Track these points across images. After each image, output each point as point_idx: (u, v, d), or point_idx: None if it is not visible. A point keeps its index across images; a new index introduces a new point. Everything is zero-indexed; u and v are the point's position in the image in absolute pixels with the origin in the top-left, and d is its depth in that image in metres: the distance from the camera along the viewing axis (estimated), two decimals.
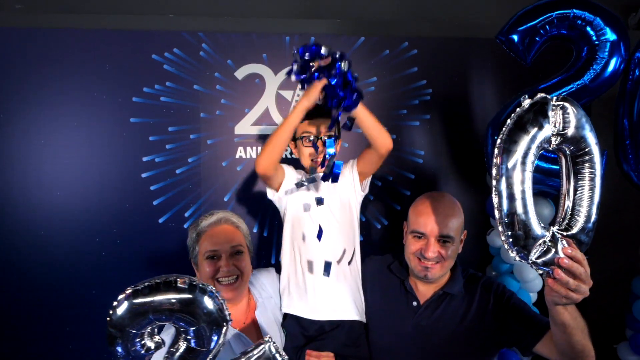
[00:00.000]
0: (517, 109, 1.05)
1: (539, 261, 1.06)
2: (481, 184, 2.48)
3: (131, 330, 0.92)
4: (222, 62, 2.41)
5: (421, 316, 1.54)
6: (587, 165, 1.10)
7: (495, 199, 1.03)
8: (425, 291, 1.58)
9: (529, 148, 1.02)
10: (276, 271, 1.73)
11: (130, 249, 2.37)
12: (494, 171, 1.03)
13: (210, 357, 0.99)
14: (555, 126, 1.05)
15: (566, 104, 1.05)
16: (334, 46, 1.45)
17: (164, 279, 0.94)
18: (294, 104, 2.40)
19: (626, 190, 2.07)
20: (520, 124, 1.03)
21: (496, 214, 1.04)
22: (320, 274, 1.56)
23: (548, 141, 1.05)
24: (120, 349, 0.95)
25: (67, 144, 2.33)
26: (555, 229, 1.10)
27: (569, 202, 1.12)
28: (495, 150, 1.04)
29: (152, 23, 2.40)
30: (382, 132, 1.52)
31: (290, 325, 1.60)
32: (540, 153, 1.07)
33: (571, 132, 1.06)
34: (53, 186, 2.33)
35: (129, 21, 2.39)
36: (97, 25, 2.34)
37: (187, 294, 0.92)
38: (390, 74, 2.50)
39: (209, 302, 0.94)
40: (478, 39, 2.51)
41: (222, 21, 2.46)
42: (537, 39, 1.87)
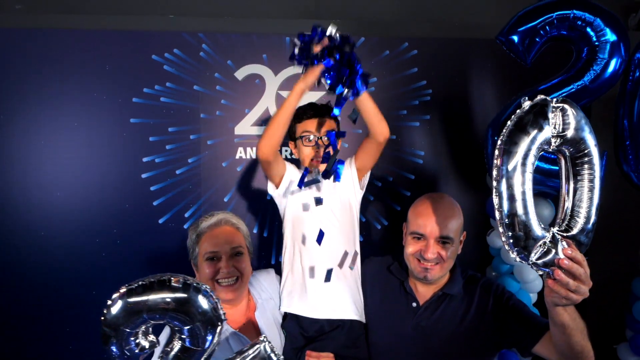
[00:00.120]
0: (517, 111, 1.05)
1: (539, 262, 1.07)
2: (481, 185, 2.48)
3: (125, 329, 0.92)
4: (222, 63, 2.41)
5: (421, 317, 1.54)
6: (587, 166, 1.11)
7: (495, 200, 1.04)
8: (424, 292, 1.58)
9: (529, 149, 1.03)
10: (276, 272, 1.73)
11: (130, 249, 2.37)
12: (494, 172, 1.04)
13: (205, 357, 0.99)
14: (555, 128, 1.05)
15: (566, 105, 1.06)
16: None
17: (157, 277, 0.93)
18: None
19: (626, 190, 2.07)
20: (521, 126, 1.03)
21: (497, 214, 1.05)
22: (321, 278, 1.56)
23: (548, 142, 1.06)
24: (115, 348, 0.95)
25: (67, 145, 2.33)
26: (555, 230, 1.10)
27: (568, 203, 1.13)
28: (496, 152, 1.04)
29: (152, 23, 2.40)
30: (382, 120, 1.53)
31: (290, 326, 1.60)
32: (540, 154, 1.08)
33: (571, 133, 1.07)
34: (53, 186, 2.33)
35: (129, 22, 2.39)
36: (97, 26, 2.35)
37: (181, 293, 0.92)
38: (390, 75, 2.50)
39: (203, 301, 0.93)
40: (478, 39, 2.51)
41: (222, 22, 2.46)
42: (537, 39, 1.87)
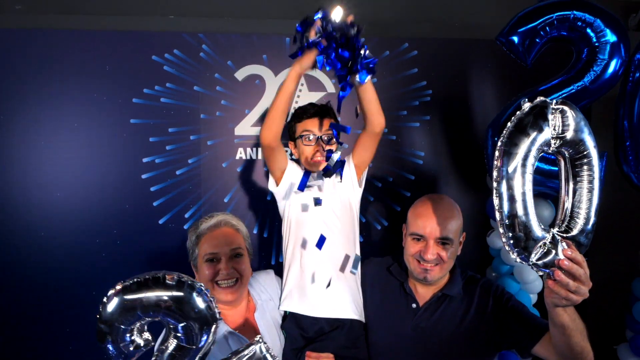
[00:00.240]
0: (517, 112, 1.06)
1: (540, 263, 1.07)
2: (481, 185, 2.48)
3: (120, 326, 0.93)
4: (222, 63, 2.41)
5: (420, 318, 1.54)
6: (586, 168, 1.11)
7: (496, 201, 1.04)
8: (424, 293, 1.58)
9: (529, 150, 1.03)
10: (276, 273, 1.73)
11: (131, 249, 2.37)
12: (494, 173, 1.04)
13: (200, 356, 0.99)
14: (554, 129, 1.06)
15: (565, 107, 1.06)
16: None
17: (152, 275, 0.94)
18: (294, 105, 2.40)
19: (626, 191, 2.07)
20: (521, 127, 1.04)
21: (497, 215, 1.05)
22: (322, 283, 1.56)
23: (548, 144, 1.06)
24: (111, 347, 0.95)
25: (67, 145, 2.32)
26: (555, 231, 1.11)
27: (568, 204, 1.13)
28: (496, 153, 1.05)
29: (152, 24, 2.40)
30: (380, 110, 1.53)
31: (290, 327, 1.60)
32: (540, 155, 1.08)
33: (570, 135, 1.07)
34: (53, 187, 2.33)
35: (129, 22, 2.38)
36: (97, 26, 2.35)
37: (175, 290, 0.92)
38: (391, 75, 2.50)
39: (197, 299, 0.94)
40: (478, 40, 2.51)
41: (222, 22, 2.46)
42: (537, 40, 1.87)
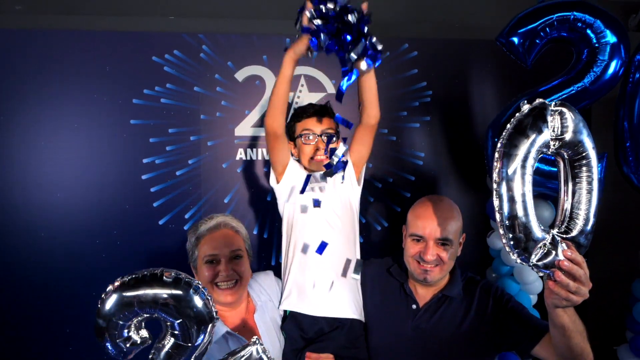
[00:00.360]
0: (516, 114, 1.06)
1: (540, 264, 1.08)
2: (481, 186, 2.48)
3: (118, 322, 0.93)
4: (223, 64, 2.41)
5: (420, 319, 1.54)
6: (585, 169, 1.12)
7: (496, 202, 1.05)
8: (424, 294, 1.58)
9: (528, 152, 1.03)
10: (275, 274, 1.72)
11: (131, 250, 2.37)
12: (494, 175, 1.04)
13: (196, 354, 0.98)
14: (553, 131, 1.07)
15: (564, 109, 1.07)
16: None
17: (150, 271, 0.94)
18: (294, 105, 2.40)
19: (626, 192, 2.07)
20: (520, 129, 1.04)
21: (497, 217, 1.05)
22: (323, 288, 1.56)
23: (547, 145, 1.07)
24: (110, 345, 0.96)
25: (67, 145, 2.33)
26: (555, 232, 1.11)
27: (567, 205, 1.14)
28: (496, 155, 1.05)
29: (153, 25, 2.40)
30: (377, 101, 1.54)
31: (290, 328, 1.59)
32: (540, 156, 1.08)
33: (569, 136, 1.08)
34: (53, 187, 2.33)
35: (129, 23, 2.39)
36: (97, 27, 2.35)
37: (172, 286, 0.93)
38: (391, 76, 2.50)
39: (194, 296, 0.94)
40: (478, 41, 2.51)
41: (223, 23, 2.46)
42: (537, 41, 1.87)
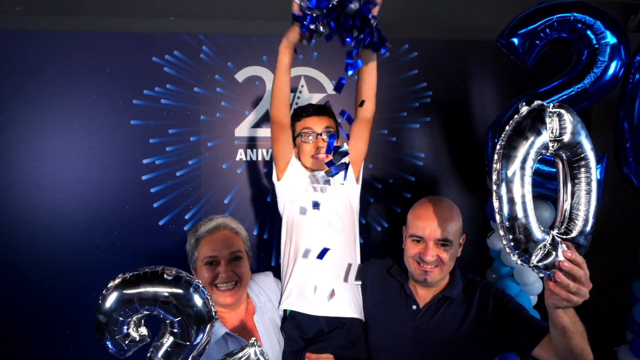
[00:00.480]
0: (515, 116, 1.06)
1: (540, 265, 1.08)
2: (481, 187, 2.47)
3: (118, 318, 0.93)
4: (223, 65, 2.41)
5: (421, 320, 1.54)
6: (583, 170, 1.12)
7: (495, 204, 1.05)
8: (424, 295, 1.58)
9: (527, 153, 1.04)
10: (275, 275, 1.72)
11: (131, 251, 2.37)
12: (494, 176, 1.05)
13: (194, 354, 0.98)
14: (552, 132, 1.07)
15: (562, 110, 1.08)
16: (334, 48, 1.40)
17: (151, 269, 0.94)
18: (294, 106, 2.40)
19: (626, 192, 2.07)
20: (519, 130, 1.05)
21: (497, 218, 1.06)
22: (324, 294, 1.56)
23: (546, 147, 1.07)
24: (110, 343, 0.96)
25: (67, 146, 2.33)
26: (555, 232, 1.11)
27: (567, 206, 1.14)
28: (495, 156, 1.05)
29: (153, 25, 2.40)
30: (375, 94, 1.55)
31: (290, 329, 1.59)
32: (539, 158, 1.09)
33: (567, 138, 1.08)
34: (53, 188, 2.33)
35: (129, 23, 2.39)
36: (97, 28, 2.35)
37: (173, 285, 0.93)
38: (391, 76, 2.50)
39: (195, 296, 0.94)
40: (478, 41, 2.51)
41: (223, 23, 2.46)
42: (537, 42, 1.87)
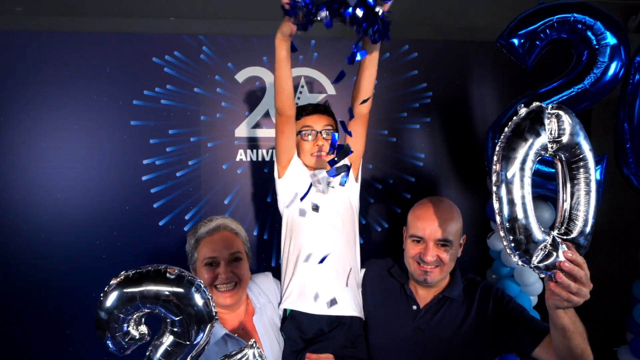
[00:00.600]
0: (514, 117, 1.07)
1: (541, 265, 1.08)
2: (481, 187, 2.47)
3: (119, 315, 0.94)
4: (223, 65, 2.41)
5: (421, 320, 1.55)
6: (582, 170, 1.13)
7: (496, 205, 1.05)
8: (425, 295, 1.58)
9: (527, 155, 1.04)
10: (275, 276, 1.72)
11: (131, 251, 2.37)
12: (494, 178, 1.05)
13: (193, 354, 0.99)
14: (551, 133, 1.08)
15: (561, 112, 1.08)
16: (334, 49, 1.38)
17: (154, 267, 0.95)
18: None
19: (626, 193, 2.07)
20: (518, 132, 1.05)
21: (497, 219, 1.06)
22: (325, 299, 1.56)
23: (545, 148, 1.08)
24: (110, 343, 0.96)
25: (67, 147, 2.33)
26: (555, 233, 1.11)
27: (566, 207, 1.14)
28: (495, 158, 1.06)
29: (153, 26, 2.40)
30: (372, 89, 1.54)
31: (289, 329, 1.59)
32: (539, 158, 1.09)
33: (566, 139, 1.09)
34: (53, 188, 2.33)
35: (129, 24, 2.39)
36: (97, 28, 2.35)
37: (175, 283, 0.94)
38: (391, 77, 2.50)
39: (196, 295, 0.94)
40: (478, 42, 2.51)
41: (223, 24, 2.46)
42: (537, 42, 1.87)
